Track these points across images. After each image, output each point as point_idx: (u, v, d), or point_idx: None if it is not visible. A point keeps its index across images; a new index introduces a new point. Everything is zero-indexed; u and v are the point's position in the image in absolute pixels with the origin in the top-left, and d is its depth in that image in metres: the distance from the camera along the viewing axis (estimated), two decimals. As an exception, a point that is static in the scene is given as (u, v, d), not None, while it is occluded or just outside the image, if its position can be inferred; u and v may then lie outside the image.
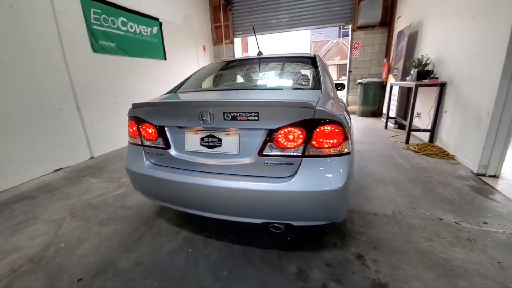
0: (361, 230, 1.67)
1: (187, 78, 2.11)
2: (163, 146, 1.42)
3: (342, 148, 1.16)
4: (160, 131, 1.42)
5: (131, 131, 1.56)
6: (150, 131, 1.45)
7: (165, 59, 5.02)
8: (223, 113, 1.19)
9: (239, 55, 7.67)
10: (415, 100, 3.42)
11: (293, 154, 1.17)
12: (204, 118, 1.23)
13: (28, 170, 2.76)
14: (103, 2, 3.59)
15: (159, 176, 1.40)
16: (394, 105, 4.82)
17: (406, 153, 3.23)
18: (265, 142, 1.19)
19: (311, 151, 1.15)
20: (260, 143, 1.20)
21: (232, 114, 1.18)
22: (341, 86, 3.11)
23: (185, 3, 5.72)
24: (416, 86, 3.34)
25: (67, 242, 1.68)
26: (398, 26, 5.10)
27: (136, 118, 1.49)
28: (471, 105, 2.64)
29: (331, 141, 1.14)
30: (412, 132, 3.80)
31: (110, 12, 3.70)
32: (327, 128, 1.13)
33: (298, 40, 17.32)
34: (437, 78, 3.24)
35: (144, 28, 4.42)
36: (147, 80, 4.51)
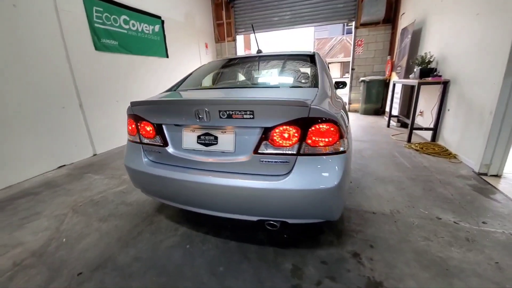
0: (358, 229, 1.67)
1: (187, 77, 2.13)
2: (161, 143, 1.44)
3: (337, 146, 1.16)
4: (158, 129, 1.44)
5: (130, 129, 1.58)
6: (148, 129, 1.47)
7: (167, 57, 5.03)
8: (219, 111, 1.19)
9: (242, 52, 7.65)
10: (418, 98, 3.38)
11: (288, 152, 1.17)
12: (200, 116, 1.24)
13: (32, 166, 2.81)
14: (105, 1, 3.61)
15: (157, 173, 1.42)
16: (397, 103, 4.77)
17: (407, 151, 3.20)
18: (260, 140, 1.20)
19: (306, 149, 1.16)
20: (256, 141, 1.21)
21: (227, 113, 1.18)
22: (342, 84, 3.09)
23: (187, 1, 5.71)
24: (419, 84, 3.30)
25: (69, 237, 1.72)
26: (402, 23, 5.02)
27: (135, 116, 1.50)
28: (474, 103, 2.60)
29: (326, 139, 1.14)
30: (414, 131, 3.77)
31: (112, 10, 3.73)
32: (322, 126, 1.13)
33: (301, 38, 17.20)
34: (440, 76, 3.20)
35: (146, 26, 4.43)
36: (149, 78, 4.53)
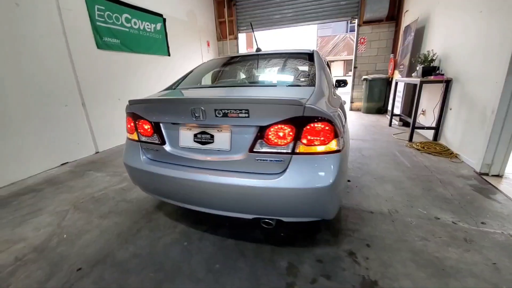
0: (355, 228, 1.67)
1: (186, 75, 2.14)
2: (159, 142, 1.45)
3: (332, 145, 1.16)
4: (155, 127, 1.45)
5: (129, 127, 1.60)
6: (146, 127, 1.48)
7: (169, 55, 5.05)
8: (215, 110, 1.20)
9: (244, 50, 7.63)
10: (420, 97, 3.35)
11: (283, 151, 1.18)
12: (196, 115, 1.25)
13: (35, 164, 2.86)
14: (107, -1, 3.63)
15: (155, 171, 1.44)
16: (399, 102, 4.73)
17: (408, 151, 3.18)
18: (255, 139, 1.20)
19: (301, 148, 1.16)
20: (251, 140, 1.21)
21: (223, 111, 1.19)
22: (343, 83, 3.06)
23: (189, -1, 5.71)
24: (421, 83, 3.26)
25: (69, 233, 1.75)
26: (406, 20, 4.95)
27: (133, 114, 1.52)
28: (476, 102, 2.57)
29: (321, 138, 1.14)
30: (416, 130, 3.74)
31: (114, 8, 3.74)
32: (316, 125, 1.13)
33: (304, 36, 17.08)
34: (442, 74, 3.16)
35: (148, 25, 4.45)
36: (151, 76, 4.56)
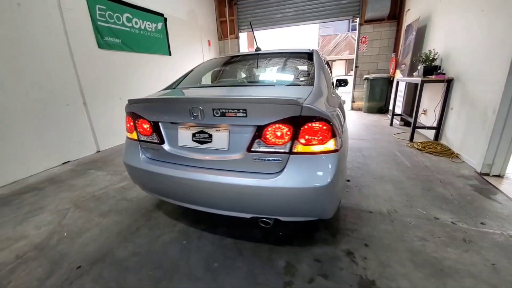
0: (353, 228, 1.67)
1: (185, 75, 2.14)
2: (158, 141, 1.46)
3: (330, 145, 1.16)
4: (154, 126, 1.46)
5: (128, 126, 1.61)
6: (145, 127, 1.49)
7: (170, 54, 5.06)
8: (213, 109, 1.21)
9: (245, 50, 7.63)
10: (421, 96, 3.33)
11: (280, 150, 1.18)
12: (195, 114, 1.25)
13: (37, 162, 2.88)
14: (108, -1, 3.65)
15: (154, 170, 1.45)
16: (401, 101, 4.71)
17: (409, 151, 3.17)
18: (253, 138, 1.21)
19: (299, 148, 1.16)
20: (249, 139, 1.22)
21: (221, 111, 1.19)
22: (344, 82, 3.05)
23: (190, -2, 5.72)
24: (422, 82, 3.24)
25: (70, 231, 1.76)
26: (407, 19, 4.92)
27: (132, 114, 1.53)
28: (477, 102, 2.55)
29: (318, 138, 1.14)
30: (418, 130, 3.72)
31: (115, 8, 3.76)
32: (314, 125, 1.13)
33: (305, 35, 17.01)
34: (444, 74, 3.14)
35: (149, 24, 4.46)
36: (152, 75, 4.57)
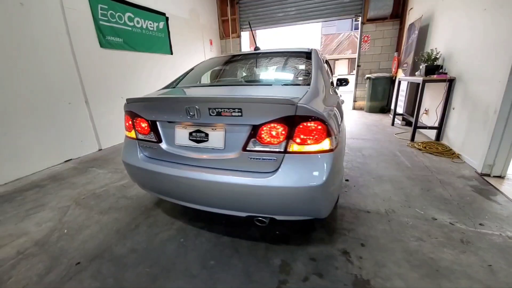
0: (350, 227, 1.67)
1: (185, 74, 2.15)
2: (155, 140, 1.48)
3: (325, 145, 1.16)
4: (152, 125, 1.47)
5: (127, 125, 1.63)
6: (143, 125, 1.51)
7: (171, 53, 5.08)
8: (209, 109, 1.22)
9: (247, 49, 7.62)
10: (422, 96, 3.30)
11: (275, 150, 1.19)
12: (191, 114, 1.26)
13: (40, 160, 2.93)
14: (110, -2, 3.67)
15: (151, 168, 1.46)
16: (402, 101, 4.67)
17: (410, 151, 3.15)
18: (249, 137, 1.21)
19: (293, 147, 1.17)
20: (244, 138, 1.23)
21: (217, 110, 1.20)
22: (344, 81, 3.04)
23: (191, -3, 5.73)
24: (424, 82, 3.21)
25: (70, 228, 1.79)
26: (410, 18, 4.88)
27: (131, 113, 1.55)
28: (479, 102, 2.53)
29: (313, 138, 1.14)
30: (419, 130, 3.69)
31: (116, 7, 3.78)
32: (309, 124, 1.13)
33: (308, 34, 16.93)
34: (445, 73, 3.11)
35: (150, 23, 4.48)
36: (153, 74, 4.59)
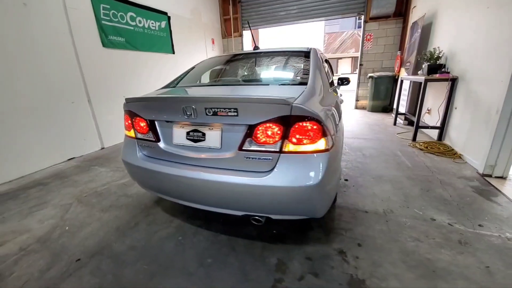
0: (347, 227, 1.67)
1: (184, 74, 2.17)
2: (153, 139, 1.49)
3: (320, 145, 1.16)
4: (150, 124, 1.49)
5: (127, 124, 1.65)
6: (142, 125, 1.52)
7: (173, 53, 5.10)
8: (205, 108, 1.23)
9: (249, 48, 7.62)
10: (424, 95, 3.27)
11: (271, 149, 1.19)
12: (188, 113, 1.28)
13: (43, 158, 2.98)
14: (112, -2, 3.70)
15: (150, 167, 1.48)
16: (405, 100, 4.63)
17: (411, 151, 3.12)
18: (245, 137, 1.22)
19: (289, 147, 1.17)
20: (241, 138, 1.23)
21: (213, 110, 1.21)
22: (346, 81, 3.03)
23: (193, -4, 5.74)
24: (426, 81, 3.18)
25: (71, 225, 1.83)
26: (413, 16, 4.82)
27: (130, 112, 1.56)
28: (481, 101, 2.50)
29: (309, 138, 1.15)
30: (422, 130, 3.66)
31: (119, 7, 3.81)
32: (304, 124, 1.13)
33: (311, 32, 16.83)
34: (448, 72, 3.07)
35: (152, 23, 4.51)
36: (155, 74, 4.62)
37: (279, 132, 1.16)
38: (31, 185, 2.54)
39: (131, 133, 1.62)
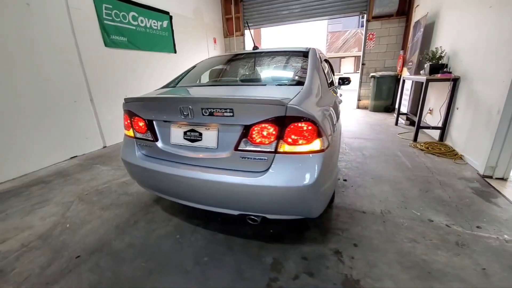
0: (344, 227, 1.67)
1: (183, 74, 2.18)
2: (152, 138, 1.51)
3: (315, 145, 1.17)
4: (149, 124, 1.51)
5: (126, 124, 1.67)
6: (140, 124, 1.54)
7: (175, 52, 5.13)
8: (201, 109, 1.24)
9: (251, 47, 7.61)
10: (425, 95, 3.24)
11: (266, 150, 1.20)
12: (185, 113, 1.29)
13: (46, 157, 3.02)
14: (114, -2, 3.73)
15: (148, 166, 1.50)
16: (407, 100, 4.59)
17: (411, 151, 3.10)
18: (240, 137, 1.23)
19: (284, 147, 1.18)
20: (236, 138, 1.24)
21: (209, 110, 1.23)
22: (346, 81, 3.02)
23: (195, -4, 5.75)
24: (427, 81, 3.16)
25: (72, 223, 1.86)
26: (416, 15, 4.77)
27: (129, 112, 1.58)
28: (482, 102, 2.47)
29: (304, 138, 1.15)
30: (423, 130, 3.63)
31: (121, 7, 3.84)
32: (299, 125, 1.14)
33: (314, 31, 16.75)
34: (450, 72, 3.04)
35: (154, 22, 4.53)
36: (157, 73, 4.65)
37: (274, 132, 1.17)
38: (33, 183, 2.59)
39: (130, 132, 1.64)
